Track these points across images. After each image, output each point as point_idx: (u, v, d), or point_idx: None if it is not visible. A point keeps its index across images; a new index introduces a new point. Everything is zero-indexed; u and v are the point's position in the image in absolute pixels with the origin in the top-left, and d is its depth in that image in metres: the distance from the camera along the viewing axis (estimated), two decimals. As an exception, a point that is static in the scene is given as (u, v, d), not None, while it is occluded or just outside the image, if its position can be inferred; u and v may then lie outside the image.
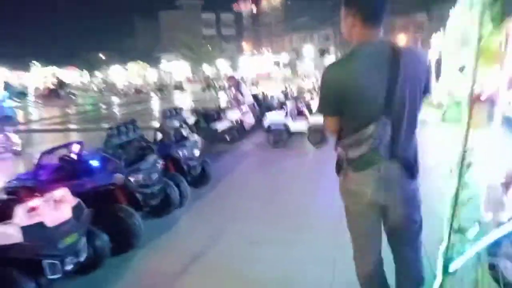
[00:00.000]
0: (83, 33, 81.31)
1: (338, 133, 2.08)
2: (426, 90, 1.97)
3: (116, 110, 20.73)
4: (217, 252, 3.73)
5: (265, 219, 4.46)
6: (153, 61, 48.84)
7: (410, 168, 1.98)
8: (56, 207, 3.01)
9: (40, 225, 2.84)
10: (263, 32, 68.53)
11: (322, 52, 11.53)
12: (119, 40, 63.95)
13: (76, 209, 3.15)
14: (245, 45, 66.39)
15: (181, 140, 5.28)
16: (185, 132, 5.37)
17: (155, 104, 22.84)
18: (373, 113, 1.84)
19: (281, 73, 37.39)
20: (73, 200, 3.19)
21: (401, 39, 40.97)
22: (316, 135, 7.63)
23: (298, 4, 57.28)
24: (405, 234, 2.11)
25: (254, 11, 69.20)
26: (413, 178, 2.01)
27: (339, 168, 2.12)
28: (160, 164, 4.27)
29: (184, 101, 23.02)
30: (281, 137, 7.86)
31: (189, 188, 4.79)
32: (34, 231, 2.81)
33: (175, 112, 5.13)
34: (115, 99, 27.87)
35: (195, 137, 5.47)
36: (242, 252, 3.72)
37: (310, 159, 7.43)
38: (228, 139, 8.30)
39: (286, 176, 6.26)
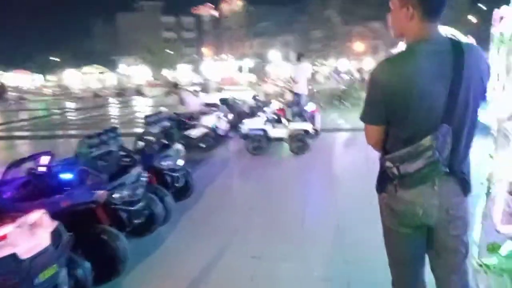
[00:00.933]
0: (36, 35, 76.78)
1: (384, 144, 1.82)
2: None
3: (71, 115, 19.55)
4: (217, 271, 3.36)
5: (260, 232, 4.15)
6: (111, 64, 46.96)
7: (466, 184, 1.75)
8: (31, 234, 2.51)
9: (13, 257, 2.33)
10: (224, 36, 68.17)
11: (299, 57, 11.36)
12: (74, 42, 60.77)
13: (55, 235, 2.65)
14: (207, 50, 65.65)
15: (163, 149, 4.83)
16: (166, 140, 4.93)
17: (114, 109, 21.79)
18: (432, 121, 1.58)
19: (245, 78, 37.13)
20: (51, 224, 2.69)
21: (360, 46, 42.40)
22: (297, 142, 7.42)
23: (259, 10, 57.57)
24: (453, 258, 1.86)
25: (216, 14, 68.64)
26: (467, 195, 1.80)
27: (383, 184, 1.86)
28: (145, 177, 3.81)
29: (146, 105, 22.19)
30: (260, 144, 7.56)
31: (173, 202, 4.36)
32: (5, 265, 2.30)
33: (157, 118, 4.66)
34: (70, 104, 26.38)
35: (178, 145, 5.03)
36: (244, 269, 3.37)
37: (292, 166, 7.18)
38: (203, 146, 7.87)
39: (271, 184, 5.98)
